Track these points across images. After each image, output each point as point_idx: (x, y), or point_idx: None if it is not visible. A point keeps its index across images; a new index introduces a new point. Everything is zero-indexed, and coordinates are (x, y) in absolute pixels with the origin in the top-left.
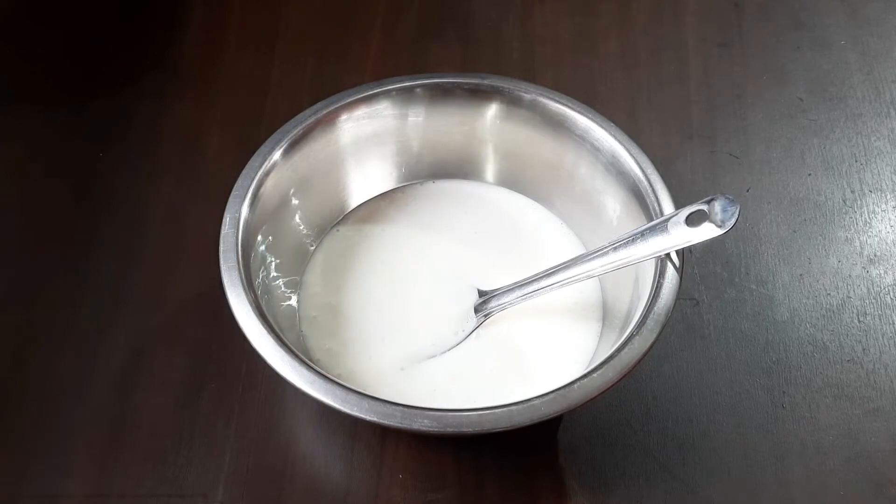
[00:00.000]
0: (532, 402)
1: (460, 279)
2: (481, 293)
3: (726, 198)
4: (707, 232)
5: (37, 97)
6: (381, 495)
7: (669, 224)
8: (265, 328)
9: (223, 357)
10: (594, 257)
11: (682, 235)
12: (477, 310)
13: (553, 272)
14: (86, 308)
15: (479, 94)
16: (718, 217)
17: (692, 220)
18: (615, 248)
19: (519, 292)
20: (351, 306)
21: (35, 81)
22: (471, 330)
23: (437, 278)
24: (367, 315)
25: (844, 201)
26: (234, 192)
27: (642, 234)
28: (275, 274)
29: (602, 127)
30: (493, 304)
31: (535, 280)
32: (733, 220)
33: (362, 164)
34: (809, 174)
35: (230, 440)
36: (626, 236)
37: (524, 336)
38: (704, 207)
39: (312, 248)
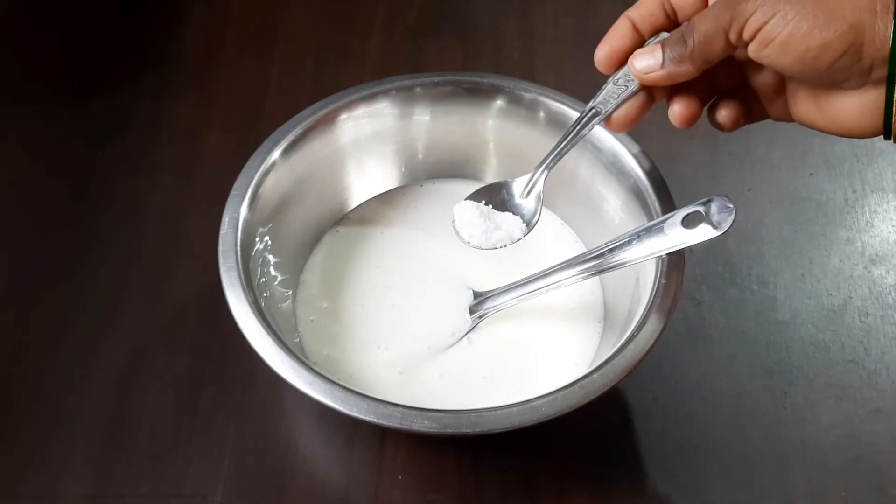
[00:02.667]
0: (532, 403)
1: (458, 281)
2: (476, 294)
3: (723, 199)
4: (703, 233)
5: (37, 97)
6: (380, 496)
7: (666, 225)
8: (264, 328)
9: (223, 357)
10: (589, 259)
11: (678, 237)
12: (472, 311)
13: (547, 274)
14: (85, 308)
15: (479, 94)
16: (715, 218)
17: (689, 222)
18: (611, 250)
19: (514, 293)
20: (349, 310)
21: (35, 81)
22: (465, 331)
23: (435, 280)
24: (364, 319)
25: (846, 201)
26: (233, 192)
27: (638, 236)
28: (274, 274)
29: (603, 127)
30: (487, 305)
31: (529, 281)
32: (729, 222)
33: (362, 164)
34: (811, 174)
35: (230, 440)
36: (622, 238)
37: (526, 337)
38: (701, 209)
39: (312, 248)
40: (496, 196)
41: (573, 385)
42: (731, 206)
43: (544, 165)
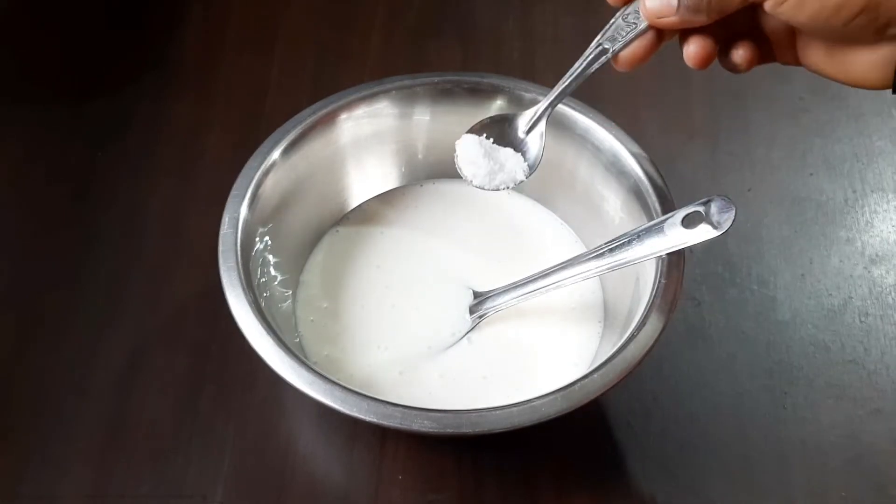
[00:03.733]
0: (532, 403)
1: (458, 281)
2: (476, 294)
3: (723, 199)
4: (703, 233)
5: (36, 98)
6: (380, 496)
7: (666, 225)
8: (264, 328)
9: (223, 357)
10: (589, 259)
11: (678, 237)
12: (472, 311)
13: (547, 274)
14: (85, 308)
15: (479, 94)
16: (715, 218)
17: (689, 222)
18: (611, 250)
19: (513, 294)
20: (349, 310)
21: (34, 82)
22: (465, 332)
23: (435, 280)
24: (364, 319)
25: (846, 201)
26: (233, 192)
27: (638, 236)
28: (274, 274)
29: (603, 127)
30: (487, 305)
31: (529, 282)
32: (729, 222)
33: (362, 164)
34: (811, 174)
35: (230, 440)
36: (622, 238)
37: (526, 337)
38: (700, 209)
39: (312, 248)
40: (498, 129)
41: (573, 385)
42: (731, 206)
43: (548, 103)
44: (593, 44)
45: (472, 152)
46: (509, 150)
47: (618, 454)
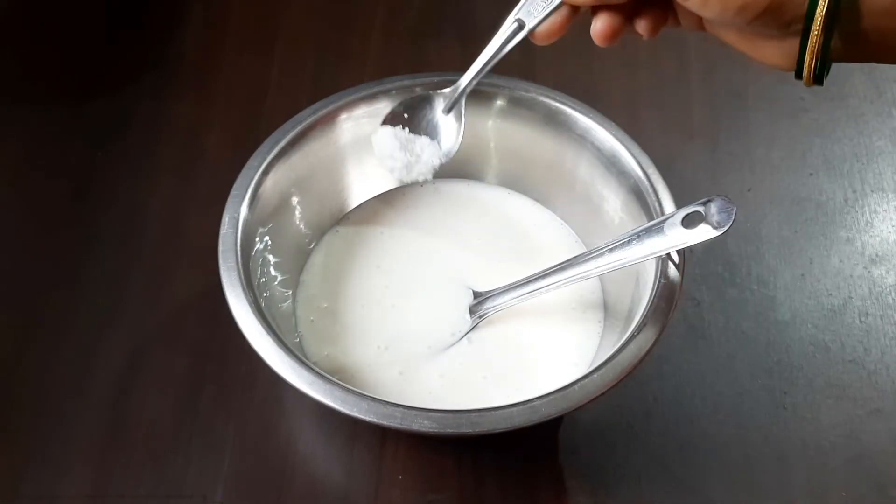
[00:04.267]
0: (532, 403)
1: (458, 281)
2: (476, 294)
3: (723, 199)
4: (703, 233)
5: (36, 98)
6: (380, 496)
7: (666, 225)
8: (264, 328)
9: (223, 357)
10: (590, 259)
11: (678, 237)
12: (472, 311)
13: (547, 274)
14: (85, 308)
15: (479, 94)
16: (715, 218)
17: (689, 221)
18: (611, 250)
19: (513, 294)
20: (349, 310)
21: (34, 82)
22: (465, 332)
23: (435, 280)
24: (364, 319)
25: (846, 201)
26: (233, 192)
27: (638, 236)
28: (274, 274)
29: (603, 126)
30: (487, 305)
31: (529, 282)
32: (730, 222)
33: (362, 164)
34: (811, 174)
35: (230, 440)
36: (622, 238)
37: (526, 337)
38: (701, 209)
39: (312, 247)
40: (417, 112)
41: (573, 385)
42: (731, 206)
43: (467, 82)
44: (510, 18)
45: (388, 146)
46: (425, 139)
47: (618, 454)
